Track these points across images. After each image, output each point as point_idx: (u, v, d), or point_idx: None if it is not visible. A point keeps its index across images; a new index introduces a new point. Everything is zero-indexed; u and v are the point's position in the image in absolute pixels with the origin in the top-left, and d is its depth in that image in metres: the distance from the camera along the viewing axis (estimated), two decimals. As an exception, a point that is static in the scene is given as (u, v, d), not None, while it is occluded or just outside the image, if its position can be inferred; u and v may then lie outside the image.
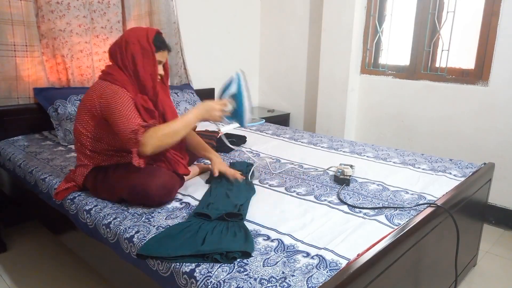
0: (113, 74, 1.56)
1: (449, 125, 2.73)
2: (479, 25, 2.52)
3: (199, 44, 3.33)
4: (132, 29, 1.63)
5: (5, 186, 2.25)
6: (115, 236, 1.36)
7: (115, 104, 1.48)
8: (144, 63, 1.56)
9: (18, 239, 2.31)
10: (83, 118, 1.58)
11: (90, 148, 1.60)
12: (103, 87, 1.54)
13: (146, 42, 1.56)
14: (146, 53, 1.56)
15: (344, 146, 2.37)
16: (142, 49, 1.56)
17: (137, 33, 1.59)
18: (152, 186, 1.45)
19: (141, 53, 1.56)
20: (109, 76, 1.57)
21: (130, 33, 1.60)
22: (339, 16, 3.04)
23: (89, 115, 1.56)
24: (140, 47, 1.56)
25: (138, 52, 1.55)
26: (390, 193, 1.67)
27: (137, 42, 1.56)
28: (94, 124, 1.56)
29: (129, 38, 1.57)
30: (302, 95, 3.63)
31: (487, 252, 2.26)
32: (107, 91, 1.51)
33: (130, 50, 1.56)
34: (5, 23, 2.20)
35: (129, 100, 1.51)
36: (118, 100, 1.49)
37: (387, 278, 1.18)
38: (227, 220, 1.35)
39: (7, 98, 2.30)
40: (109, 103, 1.50)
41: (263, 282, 1.05)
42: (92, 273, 1.97)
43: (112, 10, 2.63)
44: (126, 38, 1.58)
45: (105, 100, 1.50)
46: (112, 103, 1.49)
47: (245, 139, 2.40)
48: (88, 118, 1.57)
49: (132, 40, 1.56)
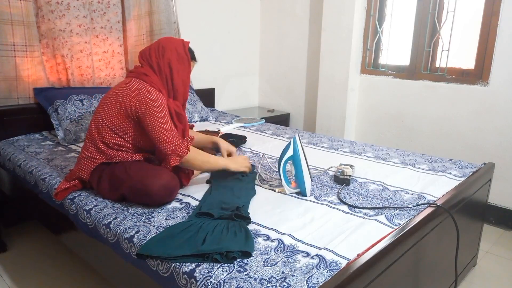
0: (149, 76, 1.62)
1: (449, 125, 2.73)
2: (479, 25, 2.52)
3: (199, 44, 3.33)
4: (168, 38, 1.73)
5: (5, 186, 2.25)
6: (115, 236, 1.36)
7: (154, 108, 1.55)
8: (179, 69, 1.67)
9: (18, 239, 2.31)
10: (112, 110, 1.60)
11: (106, 141, 1.60)
12: (140, 86, 1.59)
13: (182, 50, 1.68)
14: (181, 60, 1.67)
15: (344, 146, 2.37)
16: (179, 56, 1.67)
17: (173, 41, 1.69)
18: (154, 187, 1.46)
19: (177, 59, 1.66)
20: (145, 76, 1.62)
21: (166, 40, 1.70)
22: (339, 16, 3.04)
23: (119, 109, 1.58)
24: (177, 54, 1.66)
25: (174, 59, 1.65)
26: (390, 193, 1.67)
27: (174, 49, 1.66)
28: (122, 119, 1.59)
29: (166, 45, 1.67)
30: (302, 95, 3.63)
31: (487, 252, 2.26)
32: (145, 92, 1.57)
33: (167, 56, 1.65)
34: (5, 23, 2.20)
35: (165, 104, 1.59)
36: (158, 105, 1.56)
37: (387, 278, 1.18)
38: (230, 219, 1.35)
39: (7, 98, 2.30)
40: (147, 106, 1.55)
41: (263, 282, 1.05)
42: (92, 273, 1.97)
43: (112, 10, 2.63)
44: (163, 44, 1.67)
45: (142, 101, 1.55)
46: (150, 106, 1.55)
47: (245, 139, 2.40)
48: (117, 112, 1.59)
49: (169, 47, 1.66)
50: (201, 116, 2.97)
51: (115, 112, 1.59)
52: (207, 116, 3.01)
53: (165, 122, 1.56)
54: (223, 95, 3.65)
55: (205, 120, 2.98)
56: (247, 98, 3.93)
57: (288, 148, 1.62)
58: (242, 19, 3.64)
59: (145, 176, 1.50)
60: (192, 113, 2.91)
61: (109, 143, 1.61)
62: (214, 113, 3.23)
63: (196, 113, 2.94)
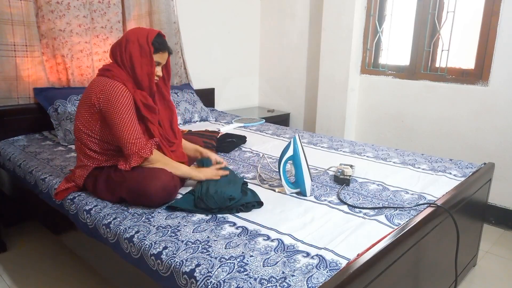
0: (112, 70, 1.58)
1: (449, 125, 2.73)
2: (479, 25, 2.52)
3: (199, 44, 3.33)
4: (135, 29, 1.65)
5: (5, 186, 2.25)
6: (115, 236, 1.36)
7: (117, 104, 1.50)
8: (142, 62, 1.58)
9: (18, 239, 2.31)
10: (83, 116, 1.58)
11: (91, 147, 1.59)
12: (102, 82, 1.55)
13: (145, 42, 1.58)
14: (144, 52, 1.58)
15: (344, 146, 2.37)
16: (141, 48, 1.58)
17: (138, 33, 1.61)
18: (152, 189, 1.45)
19: (139, 52, 1.58)
20: (107, 72, 1.58)
21: (132, 32, 1.62)
22: (339, 16, 3.04)
23: (88, 113, 1.56)
24: (139, 46, 1.58)
25: (136, 51, 1.58)
26: (390, 193, 1.67)
27: (136, 41, 1.58)
28: (94, 122, 1.56)
29: (130, 37, 1.60)
30: (302, 95, 3.63)
31: (487, 252, 2.26)
32: (106, 86, 1.53)
33: (129, 49, 1.58)
34: (5, 23, 2.19)
35: (129, 99, 1.53)
36: (121, 99, 1.51)
37: (387, 278, 1.18)
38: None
39: (7, 98, 2.29)
40: (110, 101, 1.50)
41: (263, 282, 1.05)
42: (92, 273, 1.97)
43: (112, 10, 2.63)
44: (126, 36, 1.61)
45: (105, 97, 1.51)
46: (113, 101, 1.50)
47: (245, 139, 2.40)
48: (88, 116, 1.56)
49: (132, 39, 1.59)
50: (201, 116, 2.97)
51: (86, 118, 1.57)
52: (207, 116, 3.01)
53: (129, 120, 1.51)
54: (223, 95, 3.65)
55: (205, 120, 2.99)
56: (247, 98, 3.93)
57: (288, 148, 1.62)
58: (242, 19, 3.64)
59: (143, 177, 1.49)
60: (192, 113, 2.91)
61: (94, 149, 1.60)
62: (214, 113, 3.23)
63: (196, 113, 2.94)
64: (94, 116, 1.55)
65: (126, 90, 1.54)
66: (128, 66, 1.59)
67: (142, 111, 1.57)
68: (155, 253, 1.22)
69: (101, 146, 1.59)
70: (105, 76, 1.57)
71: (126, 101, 1.52)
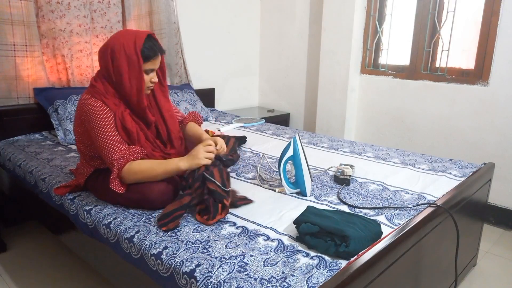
0: (96, 86, 1.49)
1: (449, 125, 2.73)
2: (479, 25, 2.52)
3: (199, 44, 3.33)
4: (119, 35, 1.48)
5: (5, 186, 2.25)
6: (115, 236, 1.36)
7: (96, 125, 1.44)
8: (130, 76, 1.45)
9: (18, 239, 2.31)
10: (77, 131, 1.58)
11: (87, 152, 1.60)
12: (84, 102, 1.48)
13: (133, 53, 1.42)
14: (132, 65, 1.43)
15: (344, 146, 2.37)
16: (129, 60, 1.43)
17: (123, 41, 1.44)
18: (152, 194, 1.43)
19: (127, 65, 1.43)
20: (91, 88, 1.50)
21: (116, 40, 1.46)
22: (339, 16, 3.04)
23: (80, 129, 1.56)
24: (126, 58, 1.42)
25: (123, 64, 1.43)
26: (390, 193, 1.67)
27: (123, 53, 1.42)
28: (86, 135, 1.54)
29: (115, 47, 1.44)
30: (302, 95, 3.63)
31: (487, 252, 2.26)
32: (86, 108, 1.46)
33: (116, 62, 1.43)
34: (5, 23, 2.19)
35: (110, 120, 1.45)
36: (100, 121, 1.43)
37: (387, 278, 1.18)
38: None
39: (7, 98, 2.30)
40: (90, 121, 1.46)
41: (263, 282, 1.05)
42: (92, 273, 1.97)
43: (113, 10, 2.63)
44: (111, 46, 1.45)
45: (86, 117, 1.47)
46: (93, 122, 1.45)
47: (245, 139, 2.40)
48: (81, 131, 1.56)
49: (117, 49, 1.43)
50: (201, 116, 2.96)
51: (80, 132, 1.56)
52: (207, 116, 3.01)
53: (107, 139, 1.42)
54: (223, 95, 3.65)
55: (205, 120, 2.99)
56: (247, 98, 3.93)
57: (288, 148, 1.62)
58: (242, 19, 3.64)
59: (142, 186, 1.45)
60: (192, 113, 2.91)
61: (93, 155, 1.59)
62: (214, 113, 3.23)
63: (196, 113, 2.94)
64: (85, 133, 1.54)
65: (105, 109, 1.45)
66: (116, 81, 1.46)
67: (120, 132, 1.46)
68: (155, 253, 1.22)
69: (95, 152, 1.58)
70: (89, 93, 1.50)
71: (105, 120, 1.44)
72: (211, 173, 1.42)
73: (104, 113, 1.45)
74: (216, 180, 1.40)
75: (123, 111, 1.48)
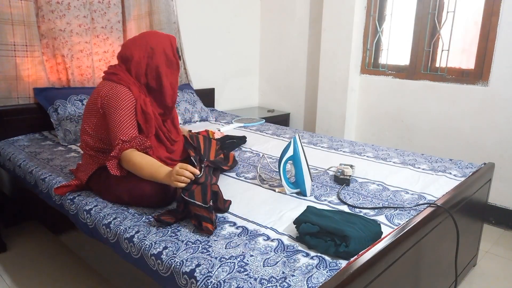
0: (119, 74, 1.58)
1: (449, 125, 2.73)
2: (479, 25, 2.52)
3: (199, 44, 3.33)
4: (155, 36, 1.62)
5: (5, 186, 2.25)
6: (115, 236, 1.36)
7: (115, 106, 1.51)
8: (168, 74, 1.61)
9: (18, 239, 2.31)
10: (90, 119, 1.61)
11: (94, 147, 1.61)
12: (107, 87, 1.56)
13: (171, 52, 1.61)
14: (170, 64, 1.61)
15: (344, 146, 2.37)
16: (167, 59, 1.60)
17: (161, 41, 1.61)
18: (148, 190, 1.45)
19: (166, 64, 1.60)
20: (114, 76, 1.58)
21: (154, 39, 1.60)
22: (339, 16, 3.04)
23: (94, 115, 1.59)
24: (166, 57, 1.60)
25: (163, 63, 1.59)
26: (390, 193, 1.67)
27: (163, 52, 1.59)
28: (100, 124, 1.58)
29: (155, 46, 1.58)
30: (302, 95, 3.63)
31: (487, 252, 2.26)
32: (112, 91, 1.54)
33: (156, 61, 1.58)
34: (5, 23, 2.19)
35: (131, 105, 1.54)
36: (121, 103, 1.52)
37: (387, 278, 1.18)
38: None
39: (7, 98, 2.30)
40: (110, 103, 1.52)
41: (263, 282, 1.05)
42: (92, 273, 1.97)
43: (113, 10, 2.63)
44: (151, 44, 1.59)
45: (107, 100, 1.53)
46: (113, 104, 1.52)
47: (245, 139, 2.40)
48: (96, 120, 1.59)
49: (158, 49, 1.58)
50: (201, 116, 2.97)
51: (92, 120, 1.59)
52: (207, 116, 3.01)
53: (120, 121, 1.49)
54: (223, 95, 3.65)
55: (205, 120, 2.99)
56: (247, 98, 3.93)
57: (288, 148, 1.62)
58: (242, 19, 3.64)
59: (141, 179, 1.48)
60: (192, 113, 2.91)
61: (98, 149, 1.62)
62: (214, 113, 3.23)
63: (196, 113, 2.94)
64: (100, 120, 1.57)
65: (130, 94, 1.55)
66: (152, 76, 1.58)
67: (138, 116, 1.55)
68: (155, 253, 1.22)
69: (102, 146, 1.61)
70: (111, 80, 1.58)
71: (127, 104, 1.53)
72: (191, 193, 1.36)
73: (128, 97, 1.54)
74: (196, 200, 1.33)
75: (145, 98, 1.59)
